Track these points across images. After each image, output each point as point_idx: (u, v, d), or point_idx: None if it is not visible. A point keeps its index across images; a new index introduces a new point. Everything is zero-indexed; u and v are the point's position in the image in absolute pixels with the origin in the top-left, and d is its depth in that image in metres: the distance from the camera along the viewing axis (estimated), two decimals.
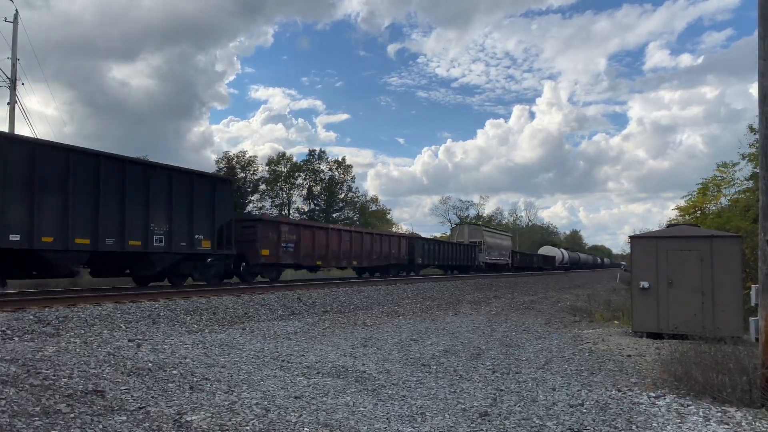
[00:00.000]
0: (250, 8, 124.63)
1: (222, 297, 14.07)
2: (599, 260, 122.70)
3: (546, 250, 77.46)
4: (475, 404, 6.03)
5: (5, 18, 25.49)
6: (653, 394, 6.48)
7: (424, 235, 48.70)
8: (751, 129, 18.87)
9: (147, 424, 4.74)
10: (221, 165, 58.35)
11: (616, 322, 14.24)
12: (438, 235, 73.69)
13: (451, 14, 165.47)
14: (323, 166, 66.43)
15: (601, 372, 7.94)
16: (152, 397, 5.58)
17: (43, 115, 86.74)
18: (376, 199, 75.39)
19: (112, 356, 7.32)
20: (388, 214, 75.18)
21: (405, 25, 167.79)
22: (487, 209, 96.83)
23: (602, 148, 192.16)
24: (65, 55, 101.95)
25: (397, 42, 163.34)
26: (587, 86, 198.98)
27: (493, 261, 47.92)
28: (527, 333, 12.14)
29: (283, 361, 7.95)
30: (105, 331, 9.40)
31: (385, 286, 21.54)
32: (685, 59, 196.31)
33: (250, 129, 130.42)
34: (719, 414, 5.65)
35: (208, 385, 6.22)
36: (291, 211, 64.03)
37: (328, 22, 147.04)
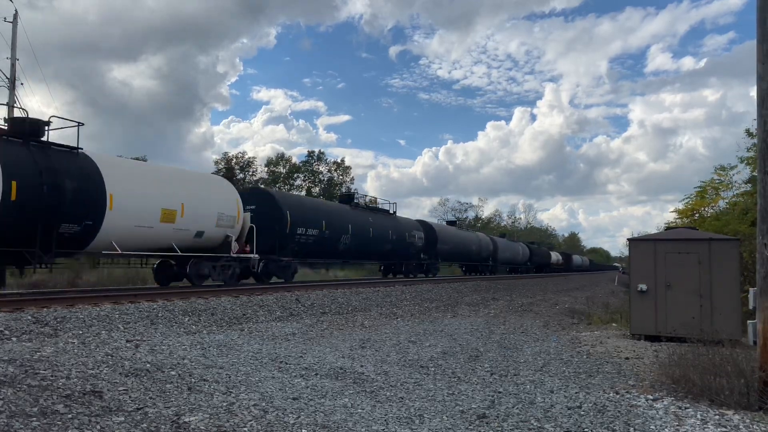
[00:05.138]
0: (252, 9, 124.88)
1: (220, 298, 14.06)
2: (559, 258, 73.55)
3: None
4: (473, 406, 6.03)
5: (4, 18, 25.52)
6: (651, 397, 6.48)
7: None
8: (749, 133, 18.91)
9: (145, 425, 4.74)
10: (220, 166, 58.30)
11: (614, 324, 14.24)
12: None
13: (453, 16, 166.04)
14: (322, 168, 66.53)
15: (599, 374, 7.95)
16: (150, 397, 5.57)
17: (43, 115, 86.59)
18: (375, 200, 75.30)
19: (110, 357, 7.31)
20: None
21: (407, 27, 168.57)
22: (486, 211, 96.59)
23: (603, 151, 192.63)
24: (67, 55, 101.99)
25: (399, 44, 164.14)
26: (588, 89, 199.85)
27: None
28: (525, 335, 12.15)
29: (281, 362, 7.95)
30: (103, 332, 9.39)
31: (384, 288, 21.54)
32: (687, 62, 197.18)
33: (251, 130, 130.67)
34: (717, 417, 5.66)
35: (206, 386, 6.22)
36: None
37: (330, 24, 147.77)
